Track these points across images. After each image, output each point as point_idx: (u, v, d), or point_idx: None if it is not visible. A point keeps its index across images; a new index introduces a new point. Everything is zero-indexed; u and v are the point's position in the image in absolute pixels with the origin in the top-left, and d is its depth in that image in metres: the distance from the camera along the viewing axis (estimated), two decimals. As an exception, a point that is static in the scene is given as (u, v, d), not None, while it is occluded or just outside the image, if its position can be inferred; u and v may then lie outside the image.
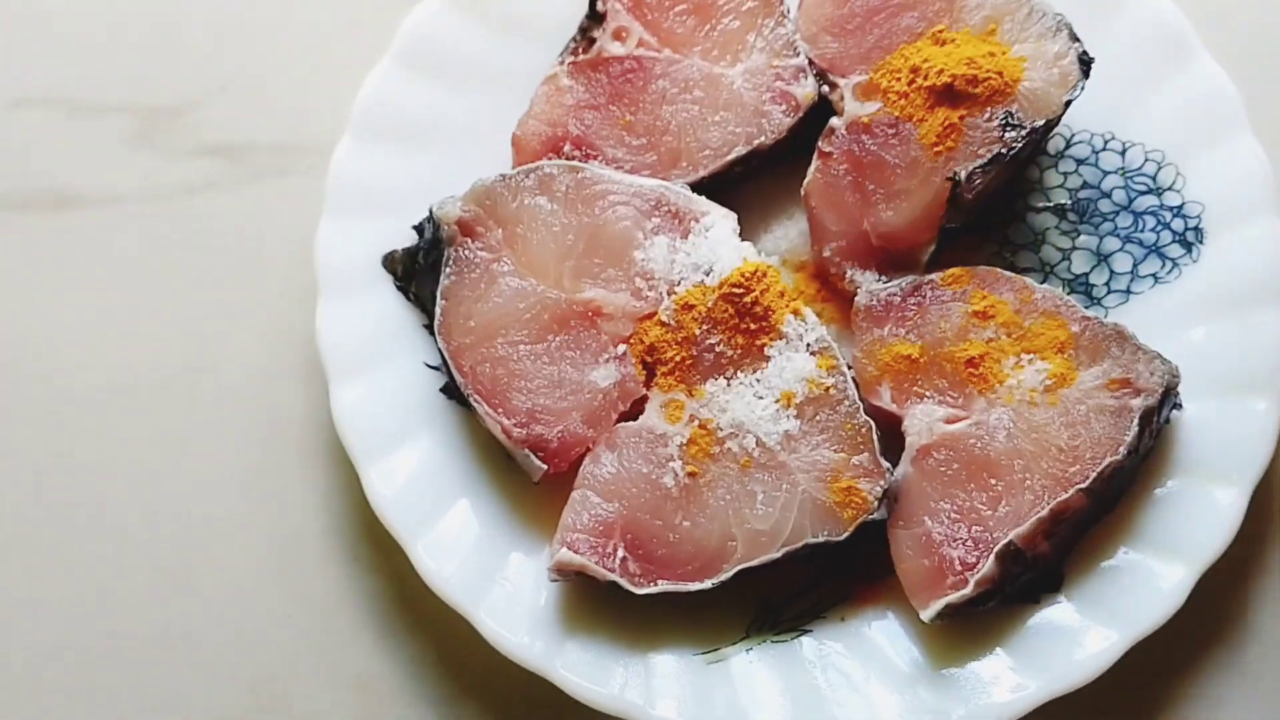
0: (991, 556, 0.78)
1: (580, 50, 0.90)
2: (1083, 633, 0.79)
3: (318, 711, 0.87)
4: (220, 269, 0.95)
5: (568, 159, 0.87)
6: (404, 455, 0.85)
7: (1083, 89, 0.85)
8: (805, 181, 0.88)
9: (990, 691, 0.79)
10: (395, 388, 0.86)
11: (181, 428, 0.92)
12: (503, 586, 0.82)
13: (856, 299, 0.86)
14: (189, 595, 0.89)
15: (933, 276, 0.85)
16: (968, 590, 0.78)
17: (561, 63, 0.90)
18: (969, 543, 0.79)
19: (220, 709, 0.88)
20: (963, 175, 0.83)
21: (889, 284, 0.85)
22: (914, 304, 0.84)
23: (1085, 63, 0.85)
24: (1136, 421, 0.79)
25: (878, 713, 0.80)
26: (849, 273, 0.87)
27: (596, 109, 0.89)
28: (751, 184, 0.91)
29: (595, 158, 0.88)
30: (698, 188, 0.87)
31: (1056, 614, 0.81)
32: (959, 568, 0.78)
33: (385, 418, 0.85)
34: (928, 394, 0.82)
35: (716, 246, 0.84)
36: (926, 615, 0.79)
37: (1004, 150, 0.83)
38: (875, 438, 0.81)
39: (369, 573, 0.88)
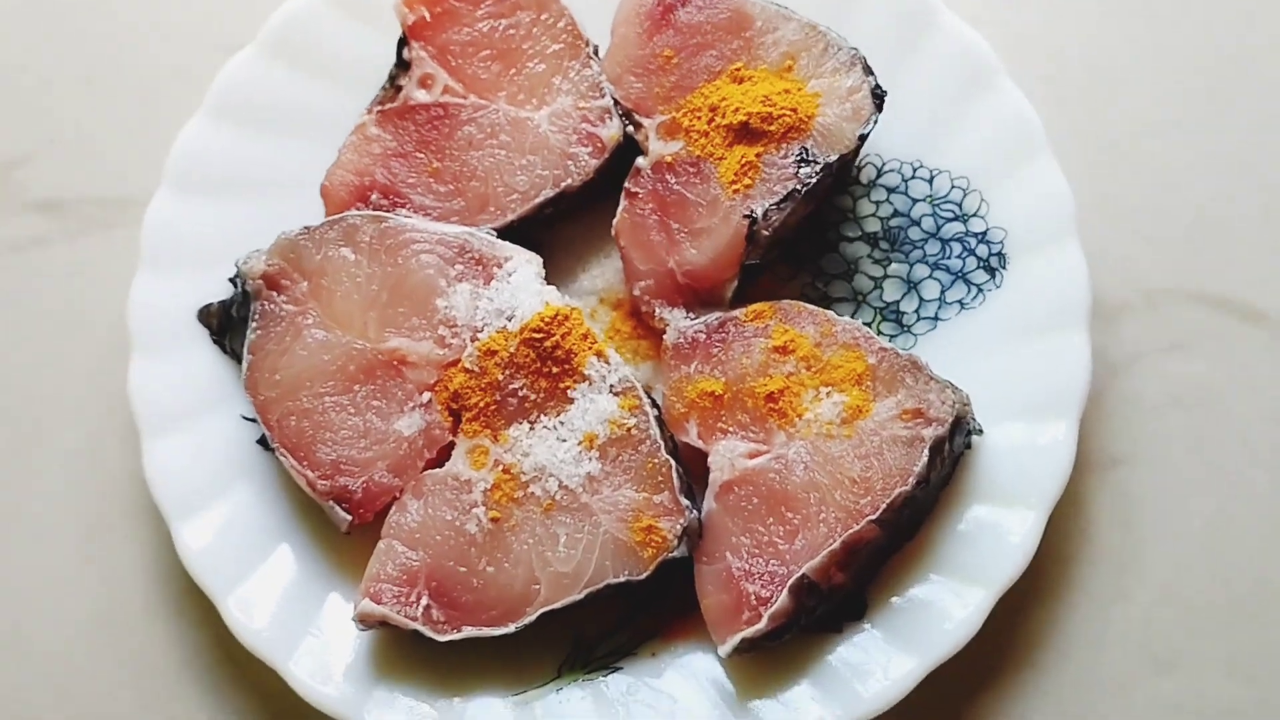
0: (785, 590, 0.78)
1: (388, 99, 0.91)
2: (884, 659, 0.80)
3: None
4: (46, 326, 0.96)
5: (376, 208, 0.88)
6: (217, 509, 0.85)
7: (876, 123, 0.86)
8: (614, 221, 0.89)
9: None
10: (211, 442, 0.87)
11: (4, 486, 0.92)
12: (316, 637, 0.83)
13: (665, 337, 0.86)
14: (16, 652, 0.89)
15: (737, 313, 0.86)
16: (762, 625, 0.78)
17: (370, 112, 0.91)
18: (766, 577, 0.80)
19: None
20: (759, 212, 0.84)
21: (695, 321, 0.86)
22: (719, 340, 0.85)
23: (879, 96, 0.86)
24: (927, 451, 0.80)
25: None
26: (659, 311, 0.88)
27: (404, 157, 0.90)
28: (568, 223, 0.92)
29: (403, 206, 0.89)
30: (508, 232, 0.88)
31: (859, 642, 0.81)
32: (755, 602, 0.79)
33: (198, 472, 0.86)
34: (731, 429, 0.83)
35: (519, 291, 0.85)
36: (724, 650, 0.79)
37: (799, 186, 0.85)
38: (676, 476, 0.81)
39: (192, 626, 0.89)
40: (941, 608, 0.81)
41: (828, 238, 0.92)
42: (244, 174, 0.92)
